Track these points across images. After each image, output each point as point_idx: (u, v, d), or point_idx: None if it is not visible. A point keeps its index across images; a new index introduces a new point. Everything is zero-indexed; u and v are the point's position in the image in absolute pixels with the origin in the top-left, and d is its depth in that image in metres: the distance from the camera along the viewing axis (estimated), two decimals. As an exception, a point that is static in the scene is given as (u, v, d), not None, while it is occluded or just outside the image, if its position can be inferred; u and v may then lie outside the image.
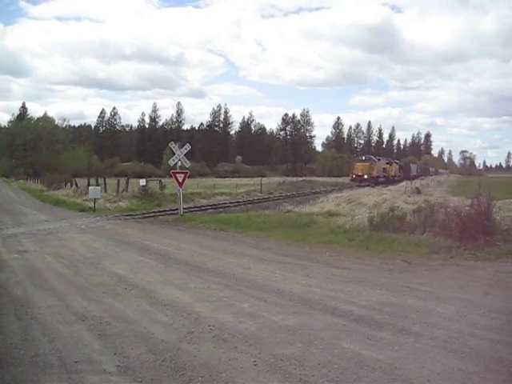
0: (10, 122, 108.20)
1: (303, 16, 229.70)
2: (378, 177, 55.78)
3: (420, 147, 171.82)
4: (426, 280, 8.51)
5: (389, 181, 55.47)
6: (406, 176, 67.42)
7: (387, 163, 65.46)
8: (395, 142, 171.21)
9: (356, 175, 54.82)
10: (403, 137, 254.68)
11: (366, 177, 52.74)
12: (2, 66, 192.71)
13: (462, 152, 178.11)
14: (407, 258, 10.40)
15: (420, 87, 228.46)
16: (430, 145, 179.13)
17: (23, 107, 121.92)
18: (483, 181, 17.12)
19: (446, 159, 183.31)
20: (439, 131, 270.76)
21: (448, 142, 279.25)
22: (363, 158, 60.24)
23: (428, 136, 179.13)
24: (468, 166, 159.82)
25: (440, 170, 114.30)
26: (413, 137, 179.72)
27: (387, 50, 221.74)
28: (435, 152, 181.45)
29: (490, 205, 11.64)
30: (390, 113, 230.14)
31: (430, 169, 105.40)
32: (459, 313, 6.51)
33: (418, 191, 30.36)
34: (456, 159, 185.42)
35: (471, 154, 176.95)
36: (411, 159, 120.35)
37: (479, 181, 15.85)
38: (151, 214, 21.84)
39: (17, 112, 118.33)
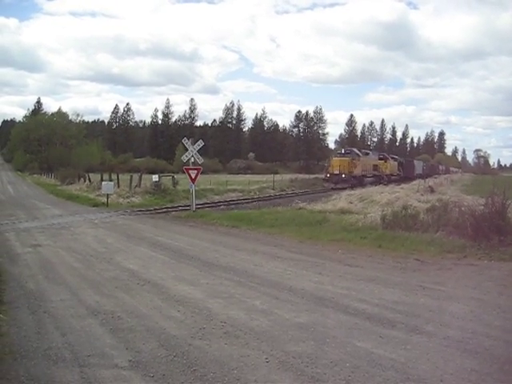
0: (25, 116, 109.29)
1: (318, 12, 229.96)
2: (364, 176, 45.26)
3: (434, 145, 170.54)
4: (439, 279, 8.45)
5: (382, 181, 45.13)
6: (409, 175, 59.68)
7: (381, 159, 54.92)
8: (409, 140, 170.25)
9: (331, 174, 42.17)
10: (417, 135, 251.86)
11: (343, 176, 40.87)
12: (18, 62, 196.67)
13: (477, 151, 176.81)
14: (420, 257, 10.33)
15: (436, 85, 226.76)
16: (444, 143, 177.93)
17: (38, 102, 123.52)
18: (498, 180, 16.93)
19: (459, 158, 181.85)
20: (454, 129, 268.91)
21: (462, 140, 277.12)
22: (342, 151, 47.56)
23: (442, 134, 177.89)
24: (482, 164, 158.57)
25: (452, 169, 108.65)
26: (426, 135, 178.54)
27: (403, 46, 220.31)
28: (449, 150, 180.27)
29: (504, 204, 11.51)
30: (404, 110, 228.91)
31: (440, 167, 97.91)
32: (473, 313, 6.46)
33: (432, 190, 30.16)
34: (470, 158, 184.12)
35: (485, 152, 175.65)
36: (424, 157, 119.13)
37: (493, 180, 15.68)
38: (164, 210, 21.90)
39: (32, 107, 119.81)
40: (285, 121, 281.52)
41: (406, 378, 4.48)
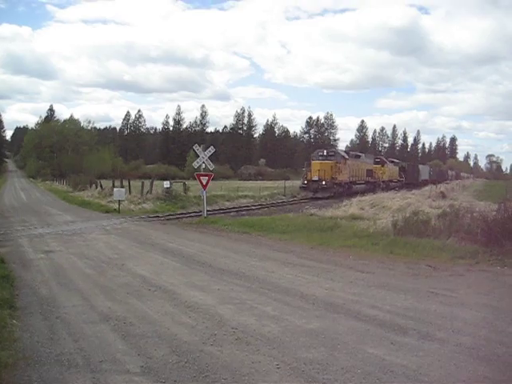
0: (38, 123, 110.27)
1: (328, 18, 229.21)
2: (353, 183, 38.86)
3: (445, 151, 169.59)
4: (451, 285, 8.41)
5: (377, 189, 38.49)
6: (412, 181, 54.19)
7: (377, 163, 48.04)
8: (420, 146, 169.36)
9: (309, 181, 35.42)
10: (428, 140, 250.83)
11: (324, 183, 34.19)
12: (31, 69, 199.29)
13: (489, 156, 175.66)
14: (432, 263, 10.28)
15: (448, 90, 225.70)
16: (456, 148, 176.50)
17: (50, 109, 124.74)
18: (510, 185, 16.82)
19: (471, 163, 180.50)
20: (465, 135, 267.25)
21: (474, 145, 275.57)
22: (324, 152, 37.96)
23: (453, 140, 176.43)
24: (494, 170, 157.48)
25: (463, 174, 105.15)
26: (438, 140, 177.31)
27: (415, 52, 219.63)
28: (461, 156, 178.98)
29: (517, 210, 11.45)
30: (416, 116, 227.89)
31: (450, 172, 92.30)
32: (485, 319, 6.42)
33: (443, 195, 30.03)
34: (482, 163, 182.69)
35: (498, 158, 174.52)
36: (436, 163, 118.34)
37: (506, 185, 15.58)
38: (175, 216, 21.92)
39: (44, 114, 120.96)
40: (296, 127, 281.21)
41: (417, 385, 4.47)
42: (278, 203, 31.48)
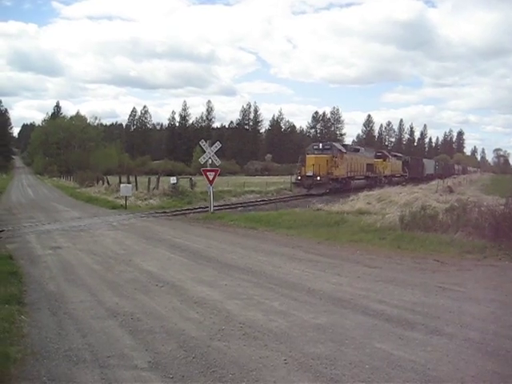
0: (44, 120, 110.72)
1: (334, 12, 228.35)
2: (351, 178, 37.08)
3: (452, 145, 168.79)
4: (458, 280, 8.37)
5: (377, 184, 36.68)
6: (417, 176, 53.04)
7: (379, 157, 46.29)
8: (427, 140, 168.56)
9: (303, 176, 33.52)
10: (435, 135, 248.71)
11: (318, 179, 32.30)
12: (37, 66, 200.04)
13: (496, 150, 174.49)
14: (439, 258, 10.24)
15: (455, 84, 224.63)
16: (463, 143, 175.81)
17: (57, 106, 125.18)
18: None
19: (479, 157, 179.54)
20: (473, 129, 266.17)
21: (481, 139, 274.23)
22: (320, 145, 36.15)
23: (460, 134, 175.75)
24: (502, 164, 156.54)
25: (470, 168, 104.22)
26: (445, 135, 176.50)
27: (422, 46, 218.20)
28: (468, 150, 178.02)
29: (525, 204, 11.38)
30: (422, 110, 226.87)
31: (456, 167, 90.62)
32: (494, 314, 6.38)
33: (450, 190, 29.89)
34: (489, 157, 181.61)
35: (505, 152, 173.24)
36: (443, 157, 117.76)
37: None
38: (182, 212, 21.91)
39: (51, 111, 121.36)
40: (302, 122, 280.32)
41: (426, 380, 4.44)
42: (285, 198, 31.39)
